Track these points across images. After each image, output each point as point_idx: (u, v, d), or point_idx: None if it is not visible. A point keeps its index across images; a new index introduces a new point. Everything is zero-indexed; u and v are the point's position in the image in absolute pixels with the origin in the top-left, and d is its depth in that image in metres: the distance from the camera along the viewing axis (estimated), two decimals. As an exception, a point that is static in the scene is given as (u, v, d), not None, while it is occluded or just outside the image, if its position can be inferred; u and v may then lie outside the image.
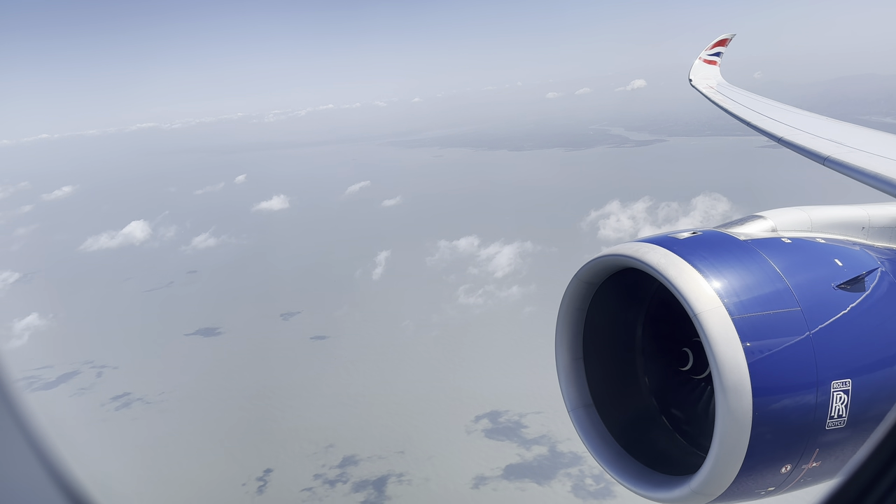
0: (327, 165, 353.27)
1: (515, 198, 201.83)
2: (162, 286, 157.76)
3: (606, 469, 4.50)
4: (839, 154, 7.99)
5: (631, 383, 4.82)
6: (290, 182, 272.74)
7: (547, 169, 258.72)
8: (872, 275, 4.31)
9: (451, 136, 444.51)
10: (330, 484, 74.38)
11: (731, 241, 4.30)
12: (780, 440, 3.81)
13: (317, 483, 74.89)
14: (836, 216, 5.07)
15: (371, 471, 75.66)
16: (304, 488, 74.05)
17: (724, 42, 18.58)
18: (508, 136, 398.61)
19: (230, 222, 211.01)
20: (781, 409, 3.75)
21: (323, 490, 73.56)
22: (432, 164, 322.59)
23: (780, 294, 3.94)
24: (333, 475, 75.91)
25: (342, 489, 73.29)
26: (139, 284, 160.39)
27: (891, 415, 2.47)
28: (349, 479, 74.82)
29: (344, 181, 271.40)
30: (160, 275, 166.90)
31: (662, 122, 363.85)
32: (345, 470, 76.58)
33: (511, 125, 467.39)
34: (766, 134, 10.84)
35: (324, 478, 75.64)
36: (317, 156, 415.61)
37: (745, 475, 3.80)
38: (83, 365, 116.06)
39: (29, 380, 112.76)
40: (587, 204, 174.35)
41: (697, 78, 16.68)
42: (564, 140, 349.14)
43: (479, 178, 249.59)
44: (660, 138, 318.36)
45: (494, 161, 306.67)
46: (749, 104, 13.28)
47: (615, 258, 4.30)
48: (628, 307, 4.80)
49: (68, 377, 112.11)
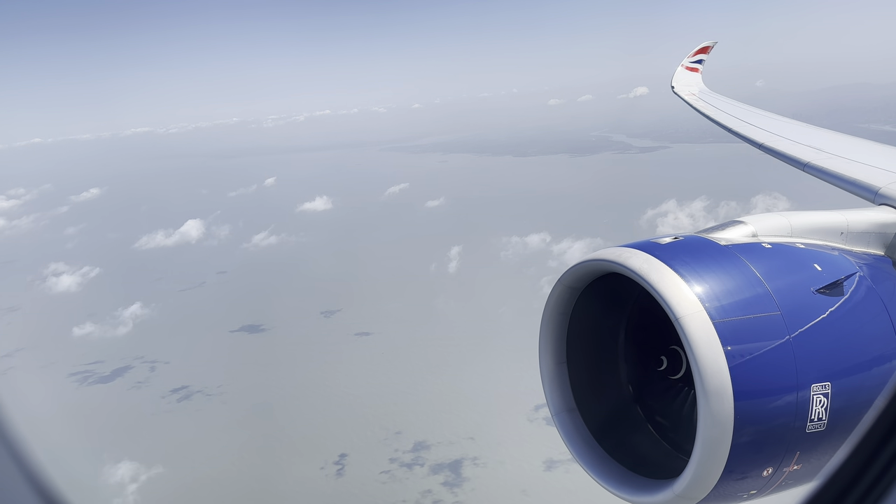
0: (353, 168, 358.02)
1: (556, 199, 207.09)
2: (197, 285, 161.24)
3: (590, 473, 4.52)
4: (818, 160, 8.17)
5: (614, 387, 4.87)
6: (324, 184, 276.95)
7: (565, 173, 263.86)
8: (851, 279, 4.40)
9: (453, 142, 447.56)
10: (407, 467, 78.32)
11: (712, 246, 4.39)
12: (762, 443, 3.86)
13: (393, 466, 78.81)
14: (815, 221, 5.10)
15: (444, 455, 79.67)
16: (382, 471, 77.94)
17: (706, 49, 18.88)
18: (510, 142, 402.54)
19: (281, 221, 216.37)
20: (762, 413, 3.80)
21: (401, 472, 77.48)
22: (441, 169, 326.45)
23: (760, 298, 4.01)
24: (408, 459, 79.86)
25: (420, 472, 77.26)
26: (176, 283, 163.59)
27: (868, 417, 2.49)
28: (425, 462, 78.81)
29: (380, 183, 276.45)
30: (206, 272, 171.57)
31: (663, 129, 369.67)
32: (418, 454, 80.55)
33: (511, 131, 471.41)
34: (748, 140, 10.88)
35: (399, 461, 79.58)
36: (331, 159, 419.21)
37: (727, 479, 3.84)
38: (134, 360, 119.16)
39: (83, 374, 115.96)
40: (634, 205, 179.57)
41: (680, 85, 16.94)
42: (567, 146, 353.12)
43: (504, 183, 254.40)
44: (663, 145, 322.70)
45: (504, 166, 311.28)
46: (731, 111, 13.45)
47: (598, 263, 4.37)
48: (611, 311, 4.86)
49: (122, 371, 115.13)
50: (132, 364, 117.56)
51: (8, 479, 2.26)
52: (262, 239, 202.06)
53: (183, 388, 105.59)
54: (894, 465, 2.29)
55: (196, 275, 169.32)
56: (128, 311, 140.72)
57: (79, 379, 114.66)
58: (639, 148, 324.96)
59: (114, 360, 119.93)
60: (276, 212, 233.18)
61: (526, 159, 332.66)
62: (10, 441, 2.33)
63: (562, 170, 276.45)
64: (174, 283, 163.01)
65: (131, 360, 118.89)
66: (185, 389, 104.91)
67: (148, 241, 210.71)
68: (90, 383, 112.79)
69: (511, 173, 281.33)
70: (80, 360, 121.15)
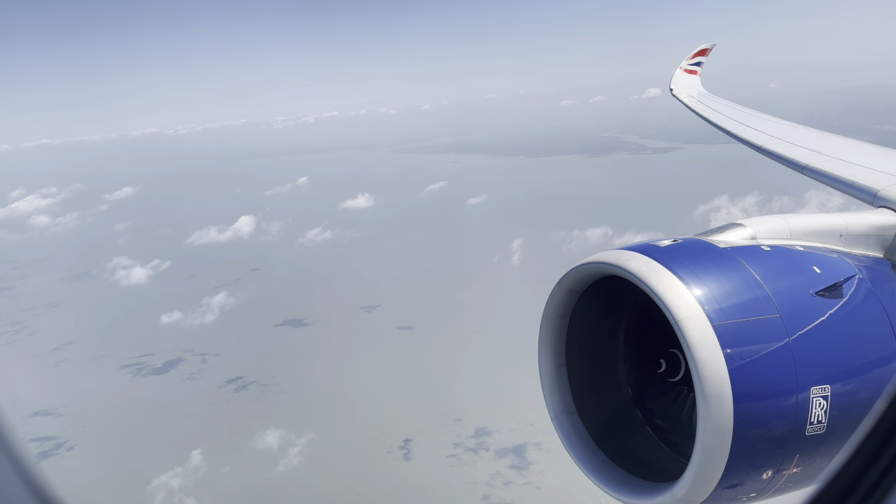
0: (379, 168, 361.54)
1: (598, 197, 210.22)
2: (233, 281, 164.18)
3: (590, 476, 4.52)
4: (817, 163, 8.15)
5: (613, 390, 4.88)
6: (358, 182, 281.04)
7: (589, 172, 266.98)
8: (850, 282, 4.41)
9: (463, 143, 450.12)
10: (472, 451, 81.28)
11: (711, 248, 4.39)
12: (762, 446, 3.86)
13: (458, 450, 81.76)
14: (814, 224, 5.12)
15: (507, 440, 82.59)
16: (448, 455, 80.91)
17: (705, 52, 18.92)
18: (521, 142, 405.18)
19: (332, 218, 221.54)
20: (762, 416, 3.80)
21: (467, 456, 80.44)
22: (455, 169, 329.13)
23: (759, 301, 4.01)
24: (472, 444, 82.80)
25: (485, 455, 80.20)
26: (213, 279, 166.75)
27: (868, 419, 2.46)
28: (489, 447, 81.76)
29: (414, 182, 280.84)
30: (253, 267, 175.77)
31: (673, 130, 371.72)
32: (481, 440, 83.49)
33: (520, 132, 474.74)
34: (746, 143, 10.85)
35: (463, 446, 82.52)
36: (351, 159, 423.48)
37: (726, 481, 3.85)
38: (184, 353, 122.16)
39: (136, 366, 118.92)
40: (683, 201, 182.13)
41: (678, 87, 16.96)
42: (580, 147, 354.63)
43: (535, 181, 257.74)
44: (677, 145, 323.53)
45: (521, 166, 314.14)
46: (729, 113, 13.39)
47: (597, 266, 4.38)
48: (610, 314, 4.87)
49: (174, 364, 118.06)
50: (182, 356, 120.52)
51: (5, 480, 2.26)
52: (316, 234, 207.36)
53: (238, 378, 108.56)
54: (894, 468, 2.29)
55: (236, 272, 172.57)
56: (214, 300, 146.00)
57: (132, 370, 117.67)
58: (653, 149, 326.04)
59: (163, 353, 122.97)
60: (320, 209, 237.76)
61: (540, 160, 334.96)
62: (7, 442, 2.34)
63: (584, 169, 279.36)
64: (217, 279, 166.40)
65: (181, 353, 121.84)
66: (241, 380, 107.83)
67: (200, 236, 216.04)
68: (144, 375, 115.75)
69: (537, 173, 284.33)
70: (130, 353, 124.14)
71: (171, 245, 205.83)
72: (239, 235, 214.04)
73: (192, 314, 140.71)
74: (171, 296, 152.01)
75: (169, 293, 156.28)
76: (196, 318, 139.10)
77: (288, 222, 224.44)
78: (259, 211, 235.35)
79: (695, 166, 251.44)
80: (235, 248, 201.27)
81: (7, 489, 2.22)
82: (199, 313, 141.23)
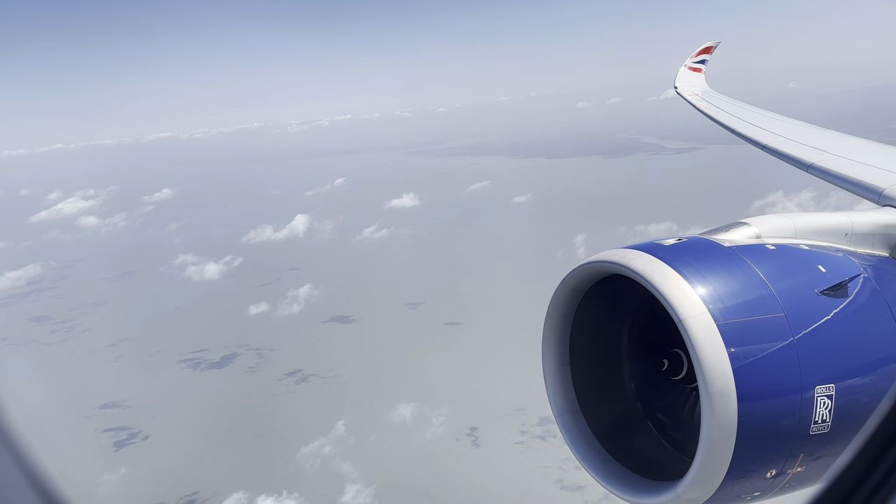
0: (409, 169, 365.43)
1: (644, 196, 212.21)
2: (274, 279, 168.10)
3: (593, 475, 4.55)
4: (822, 161, 8.18)
5: (617, 389, 4.89)
6: (398, 182, 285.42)
7: (611, 173, 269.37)
8: (855, 281, 4.40)
9: (479, 145, 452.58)
10: (540, 438, 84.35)
11: (715, 247, 4.41)
12: (766, 445, 3.88)
13: (526, 438, 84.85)
14: (819, 223, 5.11)
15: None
16: (516, 442, 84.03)
17: (709, 50, 18.86)
18: (538, 144, 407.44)
19: (385, 217, 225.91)
20: (766, 415, 3.81)
21: (535, 443, 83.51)
22: (474, 171, 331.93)
23: (764, 300, 4.03)
24: (538, 431, 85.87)
25: (553, 442, 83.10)
26: (256, 277, 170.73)
27: (873, 419, 2.46)
28: (556, 434, 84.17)
29: (454, 181, 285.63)
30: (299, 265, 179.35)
31: (690, 130, 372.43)
32: (547, 428, 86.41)
33: (536, 134, 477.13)
34: (751, 141, 10.83)
35: (530, 434, 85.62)
36: (378, 162, 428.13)
37: (730, 480, 3.86)
38: (239, 347, 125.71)
39: (193, 361, 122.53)
40: (734, 198, 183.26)
41: (683, 85, 16.98)
42: (598, 148, 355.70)
43: (571, 181, 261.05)
44: (696, 146, 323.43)
45: (544, 167, 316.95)
46: (734, 111, 13.40)
47: (601, 264, 4.41)
48: (614, 313, 4.90)
49: (231, 358, 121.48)
50: (238, 351, 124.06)
51: (8, 478, 2.24)
52: (372, 232, 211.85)
53: (297, 371, 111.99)
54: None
55: (278, 269, 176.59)
56: (300, 291, 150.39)
57: (190, 365, 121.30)
58: (672, 149, 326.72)
59: (218, 349, 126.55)
60: (367, 208, 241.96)
61: (559, 161, 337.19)
62: (11, 440, 2.32)
63: (607, 170, 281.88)
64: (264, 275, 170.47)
65: (236, 348, 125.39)
66: (300, 373, 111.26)
67: (256, 235, 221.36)
68: (202, 369, 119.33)
69: (561, 173, 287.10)
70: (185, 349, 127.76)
71: (229, 243, 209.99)
72: (294, 234, 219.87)
73: (244, 310, 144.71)
74: (230, 291, 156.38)
75: (230, 289, 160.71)
76: (252, 312, 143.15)
77: (340, 221, 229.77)
78: (311, 210, 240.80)
79: (722, 166, 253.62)
80: (292, 247, 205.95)
81: (11, 487, 2.21)
82: (252, 309, 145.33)
